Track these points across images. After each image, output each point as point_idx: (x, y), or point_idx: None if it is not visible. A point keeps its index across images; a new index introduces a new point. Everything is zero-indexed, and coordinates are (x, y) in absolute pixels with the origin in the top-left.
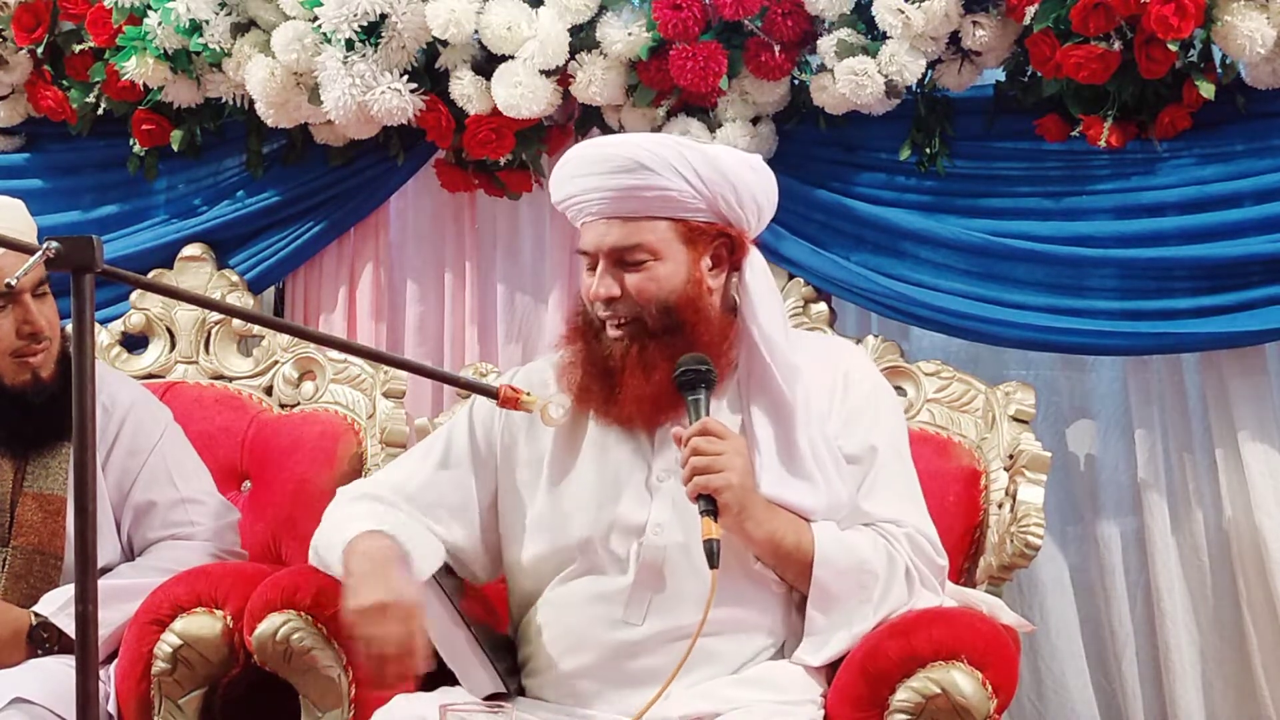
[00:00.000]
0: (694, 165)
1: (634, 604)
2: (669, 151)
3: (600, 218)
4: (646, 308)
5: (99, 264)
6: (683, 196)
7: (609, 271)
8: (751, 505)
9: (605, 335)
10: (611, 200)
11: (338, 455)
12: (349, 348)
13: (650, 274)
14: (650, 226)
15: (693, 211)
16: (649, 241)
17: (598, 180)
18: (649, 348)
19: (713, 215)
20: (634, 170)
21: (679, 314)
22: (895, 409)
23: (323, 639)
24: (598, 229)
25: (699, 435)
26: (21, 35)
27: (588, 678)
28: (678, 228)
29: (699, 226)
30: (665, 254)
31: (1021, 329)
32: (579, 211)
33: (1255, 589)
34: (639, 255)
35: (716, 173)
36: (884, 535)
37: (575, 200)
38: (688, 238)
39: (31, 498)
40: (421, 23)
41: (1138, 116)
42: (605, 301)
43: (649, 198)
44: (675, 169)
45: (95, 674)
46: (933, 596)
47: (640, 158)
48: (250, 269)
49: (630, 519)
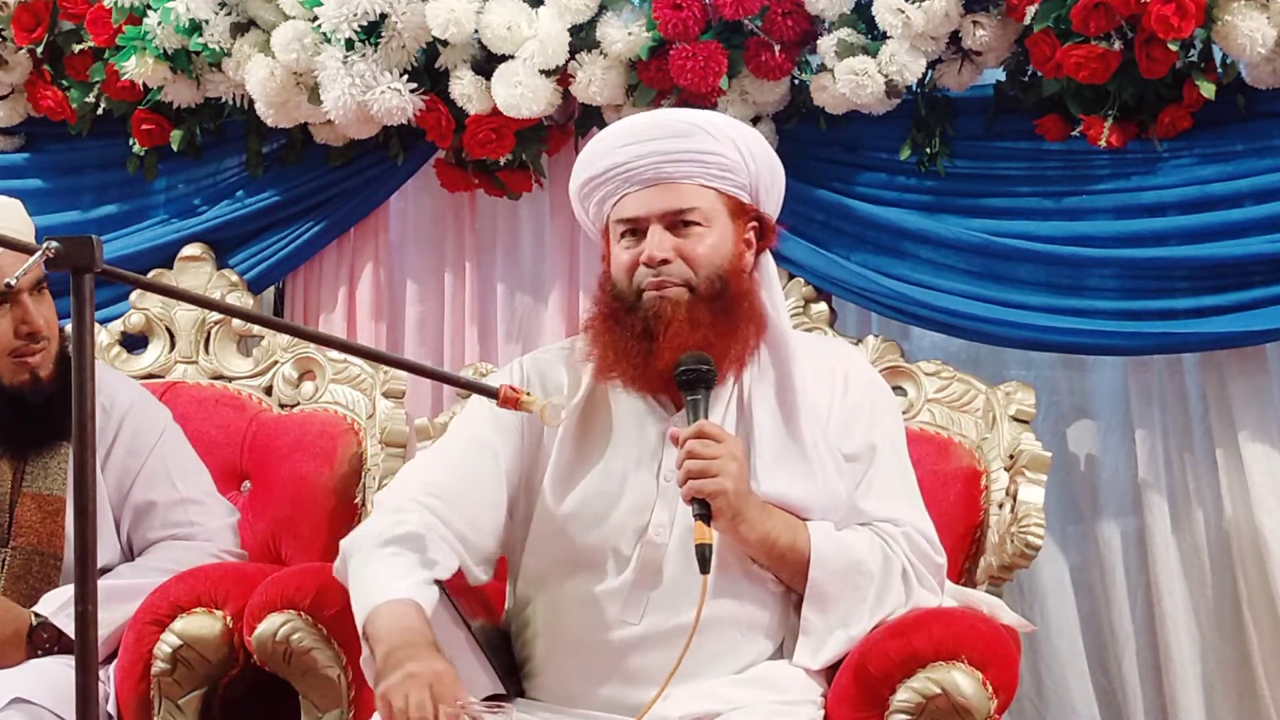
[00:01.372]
0: (748, 142)
1: (632, 603)
2: (726, 123)
3: (649, 185)
4: (698, 272)
5: (99, 264)
6: (734, 170)
7: (663, 234)
8: (746, 508)
9: (643, 303)
10: (668, 162)
11: (338, 455)
12: (349, 348)
13: (705, 240)
14: (706, 194)
15: (738, 188)
16: (706, 207)
17: (653, 145)
18: (698, 306)
19: (750, 197)
20: (692, 134)
21: (728, 283)
22: (893, 409)
23: (323, 639)
24: (646, 196)
25: (695, 438)
26: (21, 35)
27: (584, 677)
28: (725, 200)
29: (742, 203)
30: (714, 223)
31: (1022, 329)
32: (624, 181)
33: (1255, 589)
34: (695, 219)
35: (762, 151)
36: (881, 535)
37: (621, 169)
38: (734, 211)
39: (31, 498)
40: (421, 22)
41: (1138, 116)
42: (657, 265)
43: (708, 162)
44: (730, 138)
45: (95, 674)
46: (931, 596)
47: (699, 122)
48: (250, 269)
49: (635, 519)
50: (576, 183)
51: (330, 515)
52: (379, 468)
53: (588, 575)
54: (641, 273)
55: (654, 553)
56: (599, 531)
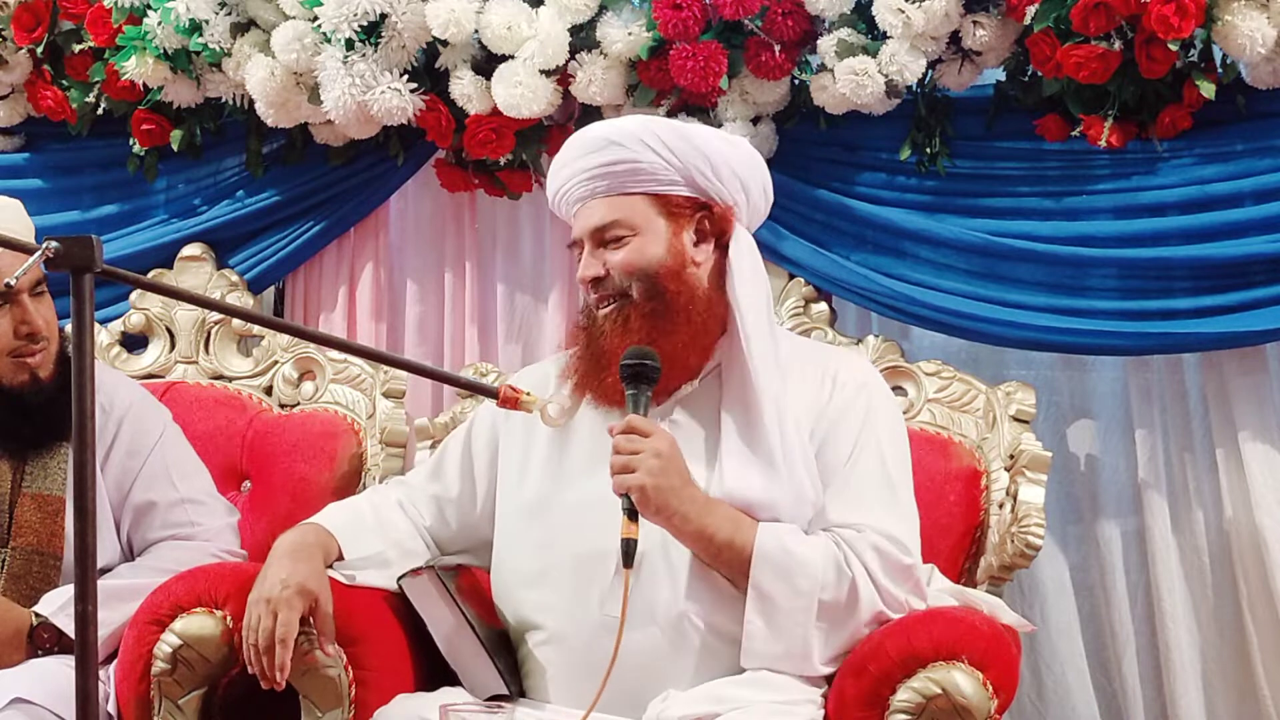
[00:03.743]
0: (662, 138)
1: (614, 598)
2: (635, 126)
3: (582, 202)
4: (630, 281)
5: (98, 264)
6: (654, 169)
7: (593, 254)
8: (674, 503)
9: (597, 319)
10: (589, 180)
11: (338, 455)
12: (349, 348)
13: (631, 249)
14: (627, 203)
15: (669, 185)
16: (626, 217)
17: (576, 164)
18: (632, 317)
19: (691, 189)
20: (603, 148)
21: (662, 283)
22: (887, 412)
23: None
24: (579, 216)
25: (622, 433)
26: (21, 35)
27: (578, 677)
28: (655, 202)
29: (678, 200)
30: (644, 228)
31: (1022, 329)
32: (568, 202)
33: (1255, 589)
34: (618, 231)
35: (686, 144)
36: (840, 542)
37: (562, 190)
38: (667, 211)
39: (30, 498)
40: (421, 22)
41: (1138, 116)
42: (592, 283)
43: (620, 172)
44: (643, 142)
45: (95, 674)
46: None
47: (608, 134)
48: (250, 269)
49: (613, 514)
50: (550, 203)
51: None
52: (379, 468)
53: (572, 572)
54: (588, 291)
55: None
56: (579, 528)
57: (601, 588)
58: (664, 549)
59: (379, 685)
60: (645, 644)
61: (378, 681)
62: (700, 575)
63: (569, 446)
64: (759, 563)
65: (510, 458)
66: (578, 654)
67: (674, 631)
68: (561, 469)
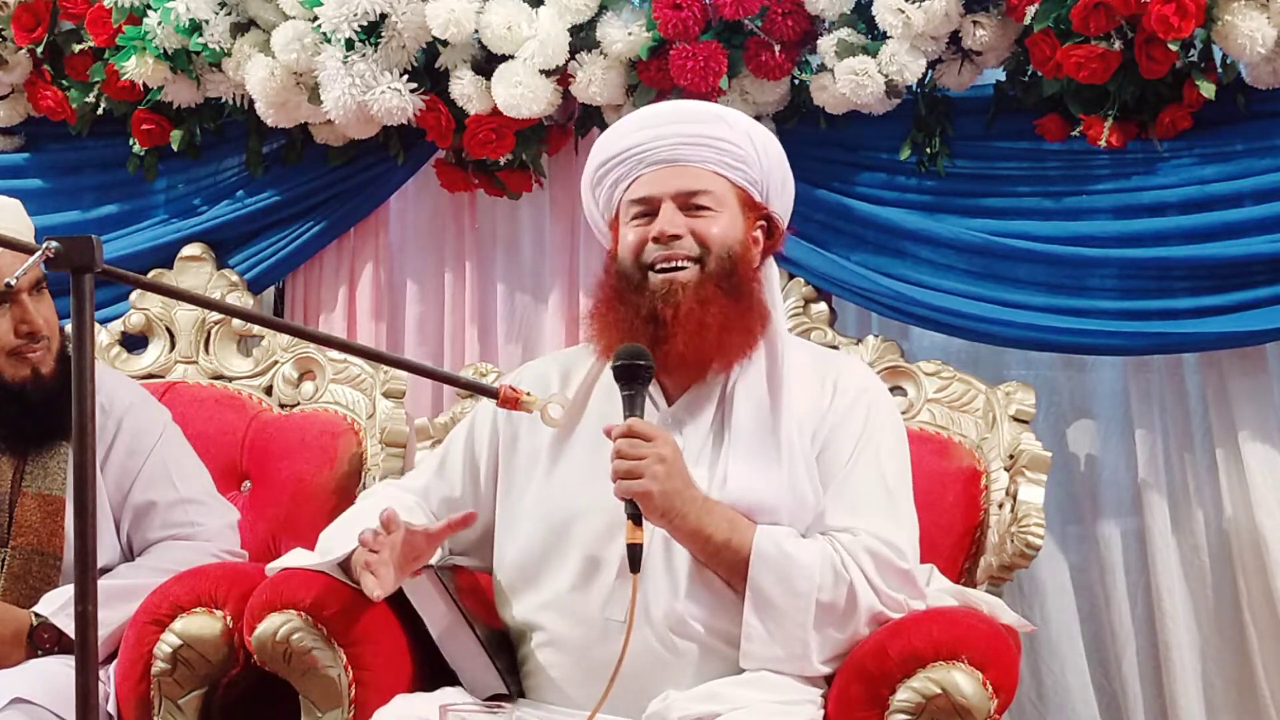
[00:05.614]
0: (761, 139)
1: (616, 600)
2: (740, 116)
3: (665, 164)
4: (710, 250)
5: (99, 264)
6: (747, 162)
7: (675, 213)
8: (678, 505)
9: (649, 283)
10: (687, 145)
11: (338, 455)
12: (349, 348)
13: (716, 221)
14: (719, 181)
15: (749, 182)
16: (720, 192)
17: (675, 127)
18: (706, 285)
19: (760, 195)
20: (713, 122)
21: (737, 266)
22: (886, 417)
23: (323, 639)
24: (660, 175)
25: (624, 437)
26: (21, 35)
27: (577, 677)
28: (737, 191)
29: (752, 198)
30: (725, 209)
31: (1022, 329)
32: (638, 162)
33: (1255, 589)
34: (708, 202)
35: (776, 153)
36: (836, 545)
37: (638, 149)
38: (744, 203)
39: (30, 498)
40: (421, 22)
41: (1138, 116)
42: (668, 240)
43: (723, 149)
44: (748, 134)
45: (95, 674)
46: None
47: (719, 112)
48: (250, 269)
49: (614, 515)
50: (592, 166)
51: (330, 515)
52: (379, 468)
53: (574, 574)
54: (650, 249)
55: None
56: (582, 529)
57: (603, 590)
58: (665, 550)
59: (379, 685)
60: (645, 644)
61: (377, 681)
62: (700, 576)
63: (570, 448)
64: (757, 564)
65: (511, 458)
66: (579, 656)
67: (674, 632)
68: (563, 469)
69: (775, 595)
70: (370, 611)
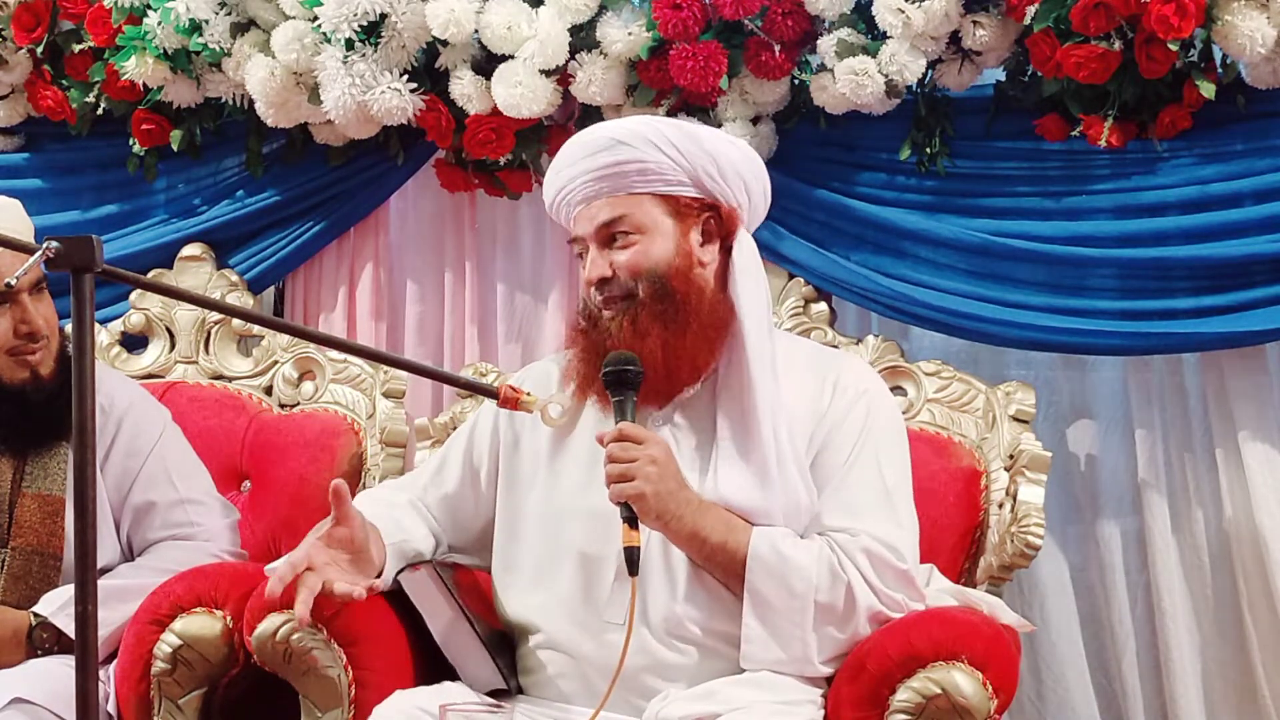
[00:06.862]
0: (670, 138)
1: (614, 602)
2: (643, 127)
3: (586, 203)
4: (638, 282)
5: (99, 264)
6: (662, 169)
7: (599, 254)
8: (672, 507)
9: (602, 320)
10: (594, 181)
11: (337, 455)
12: (349, 348)
13: (638, 249)
14: (634, 202)
15: (676, 185)
16: (633, 216)
17: (580, 165)
18: (641, 317)
19: (698, 190)
20: (610, 148)
21: (670, 284)
22: (885, 419)
23: (323, 639)
24: (582, 215)
25: (615, 441)
26: (21, 35)
27: (575, 677)
28: (662, 202)
29: (685, 200)
30: (651, 228)
31: (1021, 329)
32: (569, 204)
33: (1255, 589)
34: (624, 229)
35: (694, 144)
36: (834, 546)
37: (565, 191)
38: (675, 212)
39: (30, 498)
40: (421, 22)
41: (1138, 116)
42: (598, 284)
43: (629, 172)
44: (651, 142)
45: (95, 674)
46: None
47: (615, 134)
48: (250, 269)
49: (612, 519)
50: (547, 207)
51: None
52: (379, 468)
53: (573, 576)
54: (592, 293)
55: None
56: (580, 532)
57: (602, 592)
58: (663, 553)
59: (379, 685)
60: (644, 646)
61: (377, 681)
62: (698, 578)
63: (569, 449)
64: (753, 565)
65: (510, 459)
66: (578, 657)
67: (672, 634)
68: (561, 472)
69: (773, 597)
70: (370, 611)
